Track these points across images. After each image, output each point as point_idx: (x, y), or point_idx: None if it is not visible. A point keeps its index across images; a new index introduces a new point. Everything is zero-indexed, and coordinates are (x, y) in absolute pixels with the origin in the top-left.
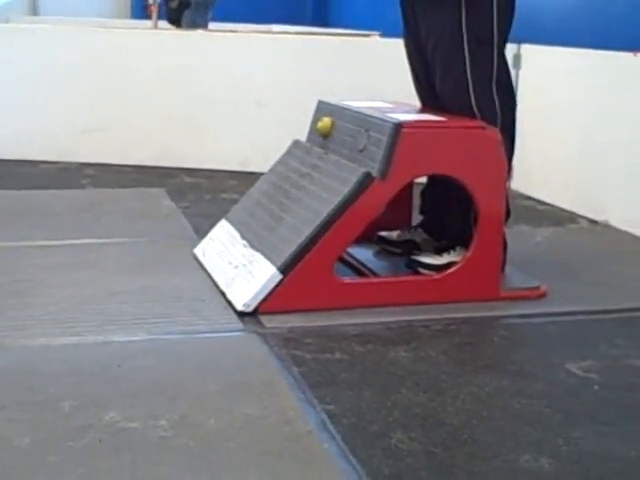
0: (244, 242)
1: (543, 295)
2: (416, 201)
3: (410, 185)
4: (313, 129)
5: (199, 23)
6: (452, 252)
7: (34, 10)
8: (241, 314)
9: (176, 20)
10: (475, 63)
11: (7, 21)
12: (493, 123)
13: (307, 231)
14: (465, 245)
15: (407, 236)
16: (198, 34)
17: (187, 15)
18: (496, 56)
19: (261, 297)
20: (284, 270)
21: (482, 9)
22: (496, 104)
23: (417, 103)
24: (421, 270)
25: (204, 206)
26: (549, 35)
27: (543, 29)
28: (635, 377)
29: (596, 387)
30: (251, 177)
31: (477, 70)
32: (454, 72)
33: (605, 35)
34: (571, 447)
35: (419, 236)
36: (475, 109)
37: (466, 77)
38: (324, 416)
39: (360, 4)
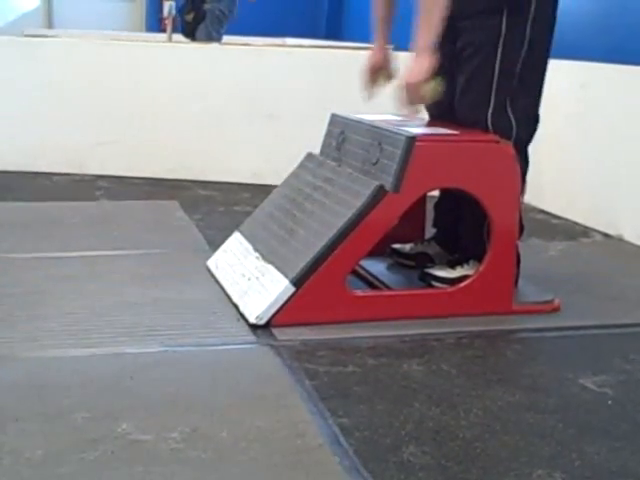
0: (257, 254)
1: (556, 309)
2: (429, 214)
3: (423, 198)
4: (326, 143)
5: (214, 37)
6: (465, 265)
7: (49, 23)
8: (254, 327)
9: (191, 33)
10: (502, 79)
11: (22, 34)
12: (507, 137)
13: (320, 244)
14: (478, 258)
15: (420, 249)
16: (212, 47)
17: (202, 29)
18: (518, 74)
19: (274, 310)
20: (297, 283)
21: (519, 28)
22: (511, 118)
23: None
24: (434, 283)
25: (217, 218)
26: (563, 49)
27: (557, 43)
28: None
29: (610, 402)
30: (264, 190)
31: (501, 86)
32: (480, 85)
33: (619, 49)
34: (585, 462)
35: (432, 249)
36: (489, 122)
37: (490, 91)
38: (336, 429)
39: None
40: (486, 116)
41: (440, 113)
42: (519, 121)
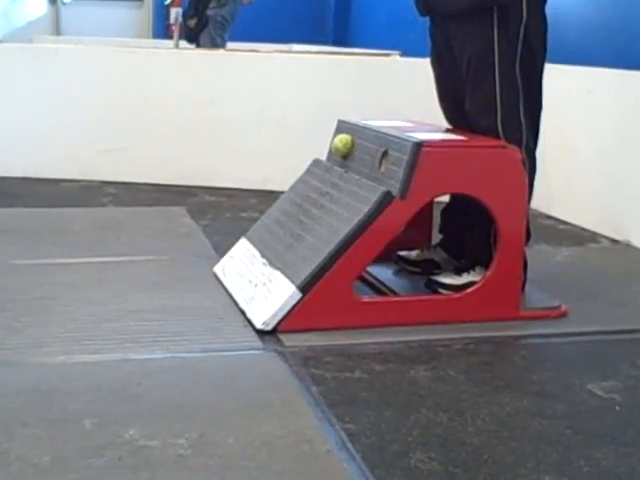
0: (264, 260)
1: (563, 315)
2: (436, 220)
3: (430, 204)
4: (332, 148)
5: (218, 43)
6: (472, 272)
7: (57, 30)
8: (260, 332)
9: (194, 39)
10: (504, 82)
11: (30, 41)
12: (517, 143)
13: (327, 250)
14: (485, 265)
15: (426, 255)
16: (219, 54)
17: (205, 34)
18: (519, 77)
19: (280, 316)
20: (303, 289)
21: (512, 29)
22: (522, 124)
23: (437, 122)
24: (440, 290)
25: (224, 224)
26: (570, 55)
27: (562, 48)
28: None
29: (617, 408)
30: (271, 196)
31: (506, 89)
32: (484, 89)
33: (626, 54)
34: (593, 468)
35: (439, 255)
36: (499, 127)
37: (495, 95)
38: (343, 435)
39: (380, 24)
40: (496, 122)
41: (460, 120)
42: (527, 126)
